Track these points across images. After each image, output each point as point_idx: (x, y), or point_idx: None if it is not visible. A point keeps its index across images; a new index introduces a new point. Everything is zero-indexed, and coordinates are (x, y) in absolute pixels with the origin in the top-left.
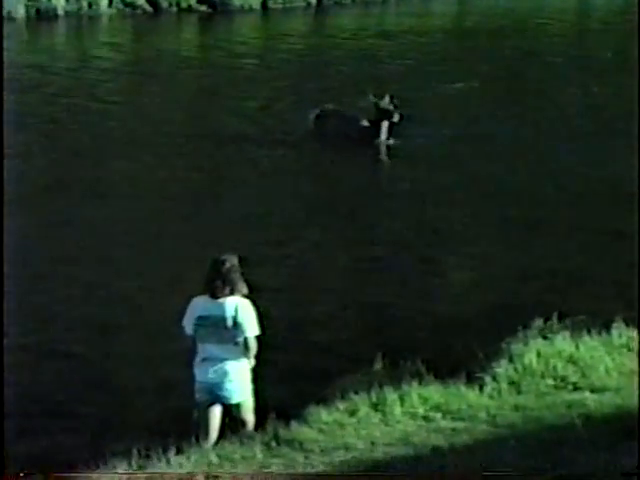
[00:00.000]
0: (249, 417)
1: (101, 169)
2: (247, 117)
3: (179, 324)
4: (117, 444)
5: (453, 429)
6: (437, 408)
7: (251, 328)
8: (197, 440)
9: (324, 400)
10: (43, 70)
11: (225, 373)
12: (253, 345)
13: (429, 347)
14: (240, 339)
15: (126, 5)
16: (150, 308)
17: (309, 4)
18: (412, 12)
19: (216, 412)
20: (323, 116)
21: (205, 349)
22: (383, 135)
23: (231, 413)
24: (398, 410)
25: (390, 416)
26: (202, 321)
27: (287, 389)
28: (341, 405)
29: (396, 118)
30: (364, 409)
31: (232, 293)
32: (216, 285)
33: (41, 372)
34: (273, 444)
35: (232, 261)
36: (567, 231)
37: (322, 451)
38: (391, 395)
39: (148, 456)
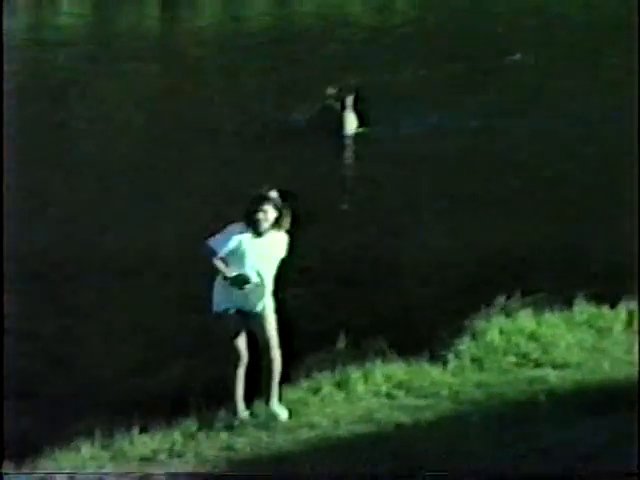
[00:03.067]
0: (272, 329)
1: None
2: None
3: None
4: (80, 424)
5: (416, 406)
6: (400, 385)
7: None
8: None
9: (288, 379)
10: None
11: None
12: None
13: (392, 325)
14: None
15: None
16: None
17: None
18: None
19: (243, 340)
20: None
21: (235, 270)
22: (348, 126)
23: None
24: (362, 388)
25: (354, 394)
26: (239, 249)
27: (251, 368)
28: (305, 383)
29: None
30: (328, 387)
31: (267, 226)
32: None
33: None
34: (236, 423)
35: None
36: (529, 209)
37: (286, 429)
38: (355, 373)
39: (111, 435)
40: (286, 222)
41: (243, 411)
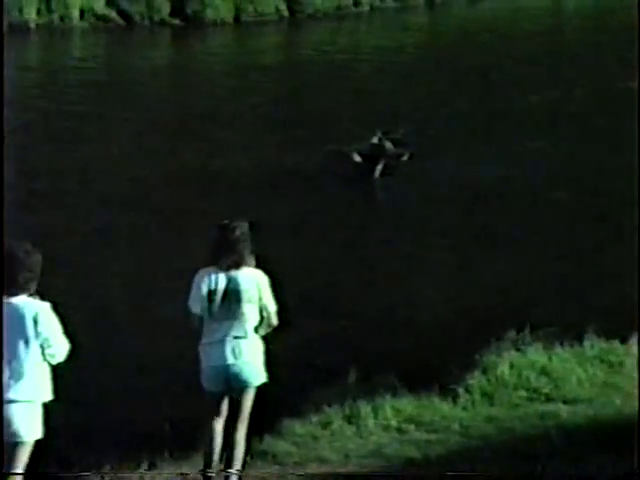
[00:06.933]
0: (247, 405)
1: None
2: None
3: (185, 304)
4: (89, 458)
5: (426, 441)
6: (410, 420)
7: (272, 302)
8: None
9: (298, 413)
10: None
11: (240, 354)
12: (275, 320)
13: (402, 360)
14: (260, 315)
15: (98, 18)
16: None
17: (281, 17)
18: (387, 25)
19: (226, 398)
20: (329, 155)
21: (217, 328)
22: (377, 172)
23: (233, 400)
24: (371, 422)
25: (364, 428)
26: (214, 296)
27: (260, 402)
28: (315, 418)
29: (406, 156)
30: (338, 422)
31: (241, 265)
32: (225, 255)
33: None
34: (247, 457)
35: (243, 229)
36: (539, 244)
37: (296, 464)
38: (365, 407)
39: (120, 470)
40: (251, 257)
41: (216, 465)
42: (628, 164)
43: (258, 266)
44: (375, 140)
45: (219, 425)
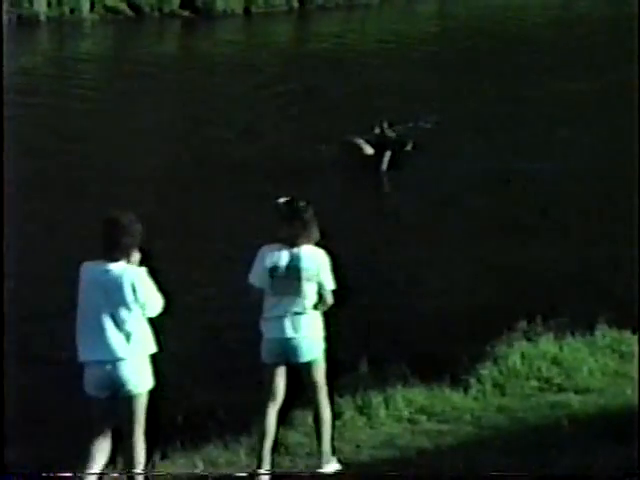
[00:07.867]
0: (320, 378)
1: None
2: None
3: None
4: None
5: (438, 431)
6: (422, 410)
7: (329, 281)
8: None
9: (309, 404)
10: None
11: (299, 328)
12: (331, 299)
13: (414, 350)
14: (318, 292)
15: (108, 10)
16: None
17: (291, 8)
18: (398, 15)
19: (282, 372)
20: (343, 146)
21: (277, 303)
22: (384, 165)
23: (300, 375)
24: (383, 413)
25: (375, 419)
26: (276, 272)
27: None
28: None
29: (409, 146)
30: (349, 412)
31: (309, 240)
32: (295, 232)
33: (23, 378)
34: (258, 448)
35: (310, 206)
36: (551, 235)
37: (307, 455)
38: (376, 398)
39: (132, 462)
40: (316, 233)
41: (268, 453)
42: None
43: (320, 243)
44: (377, 131)
45: (274, 411)
